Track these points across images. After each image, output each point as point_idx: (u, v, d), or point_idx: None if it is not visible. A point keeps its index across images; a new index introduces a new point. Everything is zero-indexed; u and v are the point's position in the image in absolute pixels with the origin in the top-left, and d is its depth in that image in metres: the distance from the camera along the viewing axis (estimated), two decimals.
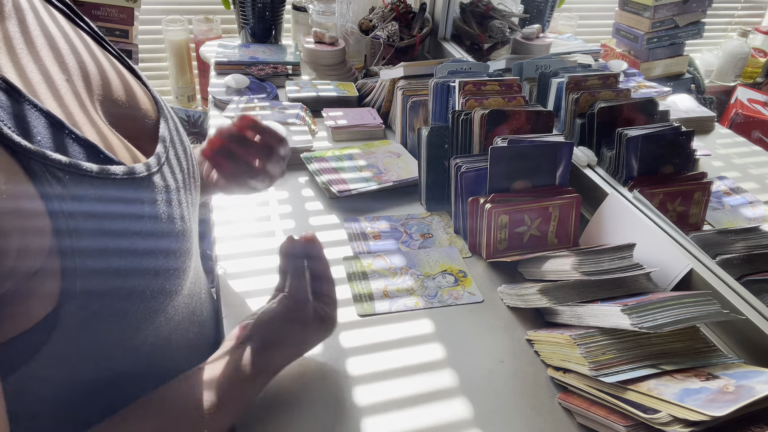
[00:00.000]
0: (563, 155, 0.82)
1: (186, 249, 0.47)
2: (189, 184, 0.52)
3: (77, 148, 0.37)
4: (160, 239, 0.43)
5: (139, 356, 0.46)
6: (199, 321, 0.57)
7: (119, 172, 0.39)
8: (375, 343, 0.67)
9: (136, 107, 0.49)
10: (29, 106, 0.35)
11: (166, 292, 0.44)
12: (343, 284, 0.76)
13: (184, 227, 0.47)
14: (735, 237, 0.80)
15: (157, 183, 0.44)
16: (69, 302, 0.36)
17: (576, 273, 0.68)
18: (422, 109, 1.04)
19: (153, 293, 0.43)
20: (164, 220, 0.43)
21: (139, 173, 0.41)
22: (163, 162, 0.46)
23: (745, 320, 0.64)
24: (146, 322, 0.44)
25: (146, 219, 0.42)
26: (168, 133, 0.50)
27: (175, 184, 0.47)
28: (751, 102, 1.43)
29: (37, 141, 0.34)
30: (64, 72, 0.41)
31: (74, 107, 0.40)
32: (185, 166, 0.51)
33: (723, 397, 0.49)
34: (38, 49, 0.40)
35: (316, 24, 1.45)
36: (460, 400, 0.61)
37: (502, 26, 1.42)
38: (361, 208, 0.92)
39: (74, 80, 0.42)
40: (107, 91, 0.46)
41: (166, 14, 1.65)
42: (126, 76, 0.50)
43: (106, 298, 0.39)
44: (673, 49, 1.52)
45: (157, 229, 0.43)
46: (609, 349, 0.59)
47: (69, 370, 0.40)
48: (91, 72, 0.45)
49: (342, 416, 0.58)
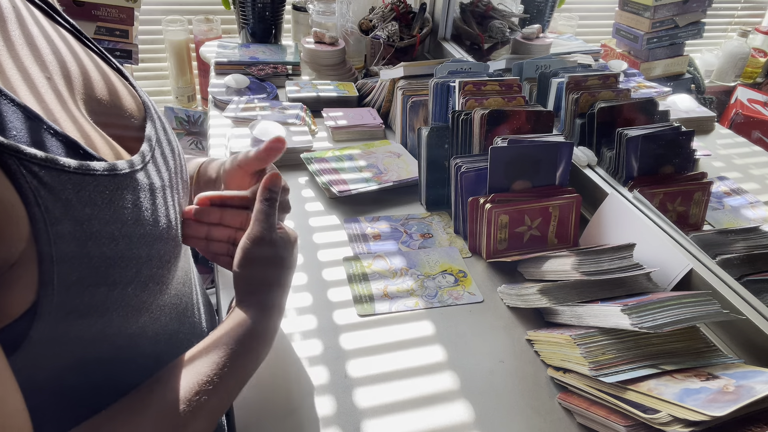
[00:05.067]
0: (563, 155, 0.82)
1: (171, 247, 0.46)
2: (176, 184, 0.51)
3: (55, 143, 0.37)
4: (144, 238, 0.42)
5: (123, 354, 0.46)
6: (189, 322, 0.57)
7: (99, 168, 0.39)
8: (375, 344, 0.67)
9: (121, 106, 0.48)
10: (5, 101, 0.35)
11: (150, 291, 0.44)
12: (344, 285, 0.76)
13: (170, 226, 0.46)
14: (735, 237, 0.80)
15: (141, 181, 0.43)
16: (47, 297, 0.36)
17: (576, 273, 0.68)
18: (422, 109, 1.04)
19: (135, 292, 0.42)
20: (148, 218, 0.43)
21: (121, 170, 0.41)
22: (148, 160, 0.45)
23: (745, 320, 0.64)
24: (128, 319, 0.43)
25: (128, 217, 0.41)
26: (155, 133, 0.49)
27: (160, 182, 0.46)
28: (751, 102, 1.43)
29: (12, 135, 0.34)
30: (44, 71, 0.41)
31: (54, 105, 0.40)
32: (172, 166, 0.50)
33: (723, 397, 0.49)
34: (17, 48, 0.39)
35: (316, 24, 1.45)
36: (460, 400, 0.61)
37: (502, 26, 1.42)
38: (361, 209, 0.92)
39: (55, 79, 0.41)
40: (90, 89, 0.45)
41: (166, 14, 1.65)
42: (110, 75, 0.49)
43: (86, 294, 0.38)
44: (673, 49, 1.52)
45: (140, 228, 0.42)
46: (609, 349, 0.59)
47: (51, 368, 0.40)
48: (73, 71, 0.44)
49: (342, 416, 0.58)
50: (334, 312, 0.72)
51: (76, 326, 0.39)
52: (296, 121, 1.12)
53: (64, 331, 0.38)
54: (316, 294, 0.74)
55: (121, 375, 0.46)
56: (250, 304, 0.52)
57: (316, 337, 0.68)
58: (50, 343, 0.38)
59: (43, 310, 0.36)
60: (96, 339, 0.41)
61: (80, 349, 0.41)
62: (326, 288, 0.75)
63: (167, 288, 0.47)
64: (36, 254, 0.35)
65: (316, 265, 0.80)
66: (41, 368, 0.36)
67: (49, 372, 0.39)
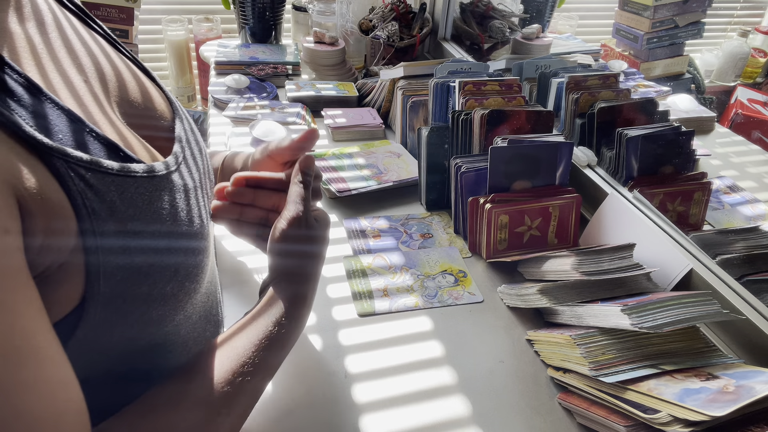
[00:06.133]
0: (563, 155, 0.82)
1: (204, 247, 0.47)
2: (205, 183, 0.52)
3: (97, 145, 0.38)
4: (180, 237, 0.43)
5: (157, 352, 0.47)
6: (215, 320, 0.58)
7: (139, 170, 0.40)
8: (375, 343, 0.67)
9: (152, 108, 0.50)
10: (50, 104, 0.36)
11: (186, 290, 0.45)
12: (343, 283, 0.76)
13: (202, 225, 0.47)
14: (735, 237, 0.80)
15: (176, 182, 0.44)
16: (93, 297, 0.37)
17: (576, 273, 0.68)
18: (422, 109, 1.04)
19: (173, 290, 0.43)
20: (184, 218, 0.44)
21: (158, 171, 0.42)
22: (181, 161, 0.47)
23: (745, 320, 0.64)
24: (166, 319, 0.44)
25: (166, 217, 0.42)
26: (184, 133, 0.50)
27: (192, 183, 0.47)
28: (751, 102, 1.43)
29: (59, 138, 0.35)
30: (81, 73, 0.42)
31: (93, 107, 0.41)
32: (201, 166, 0.52)
33: (723, 397, 0.49)
34: (56, 50, 0.40)
35: (316, 24, 1.45)
36: (460, 400, 0.61)
37: (502, 26, 1.42)
38: (361, 208, 0.92)
39: (91, 81, 0.42)
40: (123, 92, 0.46)
41: (166, 14, 1.65)
42: (141, 78, 0.51)
43: (128, 293, 0.39)
44: (673, 49, 1.52)
45: (177, 227, 0.43)
46: (609, 349, 0.59)
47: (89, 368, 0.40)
48: (107, 74, 0.45)
49: (341, 415, 0.58)
50: (334, 311, 0.72)
51: (119, 326, 0.40)
52: (296, 121, 1.12)
53: (106, 331, 0.39)
54: (317, 294, 0.74)
55: (152, 372, 0.47)
56: (286, 284, 0.52)
57: (316, 336, 0.68)
58: (93, 342, 0.39)
59: (89, 310, 0.37)
60: (135, 338, 0.42)
61: (119, 348, 0.42)
62: (326, 287, 0.75)
63: (200, 287, 0.48)
64: (83, 254, 0.36)
65: None
66: (82, 368, 0.36)
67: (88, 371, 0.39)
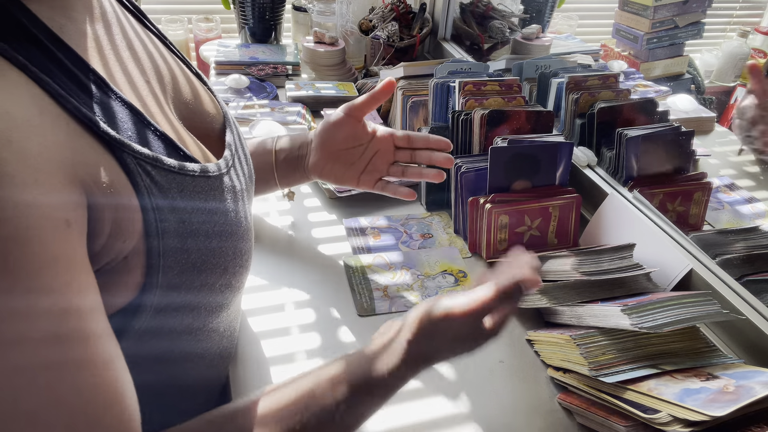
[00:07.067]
0: (563, 155, 0.82)
1: (249, 247, 0.49)
2: (250, 189, 0.54)
3: (159, 143, 0.39)
4: (230, 237, 0.45)
5: (200, 347, 0.48)
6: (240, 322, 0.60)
7: (195, 170, 0.41)
8: None
9: (203, 111, 0.51)
10: (115, 99, 0.37)
11: (232, 287, 0.46)
12: (343, 285, 0.76)
13: (248, 228, 0.49)
14: (735, 237, 0.80)
15: (227, 184, 0.46)
16: (151, 289, 0.38)
17: (576, 273, 0.68)
18: (422, 109, 1.04)
19: (221, 288, 0.44)
20: (233, 219, 0.45)
21: (212, 172, 0.43)
22: (231, 165, 0.48)
23: (745, 320, 0.64)
24: (211, 315, 0.45)
25: (219, 216, 0.43)
26: (233, 141, 0.52)
27: (240, 186, 0.49)
28: None
29: (127, 135, 0.36)
30: (142, 73, 0.43)
31: (153, 106, 0.42)
32: (247, 173, 0.53)
33: (723, 397, 0.49)
34: (120, 50, 0.42)
35: (316, 24, 1.45)
36: (460, 400, 0.61)
37: (502, 26, 1.42)
38: (361, 208, 0.92)
39: (151, 81, 0.44)
40: (178, 93, 0.48)
41: (166, 14, 1.65)
42: (193, 81, 0.52)
43: (182, 288, 0.40)
44: (673, 50, 1.52)
45: (227, 227, 0.44)
46: (609, 350, 0.59)
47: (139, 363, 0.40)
48: (164, 74, 0.47)
49: None
50: (333, 311, 0.72)
51: (170, 320, 0.41)
52: (296, 120, 1.12)
53: (159, 325, 0.40)
54: (317, 294, 0.74)
55: (190, 370, 0.49)
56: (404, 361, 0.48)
57: (316, 336, 0.68)
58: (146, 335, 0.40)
59: (146, 303, 0.38)
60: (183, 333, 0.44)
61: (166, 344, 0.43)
62: (326, 287, 0.75)
63: (241, 287, 0.50)
64: (144, 248, 0.37)
65: (315, 264, 0.80)
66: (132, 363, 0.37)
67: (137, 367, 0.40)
